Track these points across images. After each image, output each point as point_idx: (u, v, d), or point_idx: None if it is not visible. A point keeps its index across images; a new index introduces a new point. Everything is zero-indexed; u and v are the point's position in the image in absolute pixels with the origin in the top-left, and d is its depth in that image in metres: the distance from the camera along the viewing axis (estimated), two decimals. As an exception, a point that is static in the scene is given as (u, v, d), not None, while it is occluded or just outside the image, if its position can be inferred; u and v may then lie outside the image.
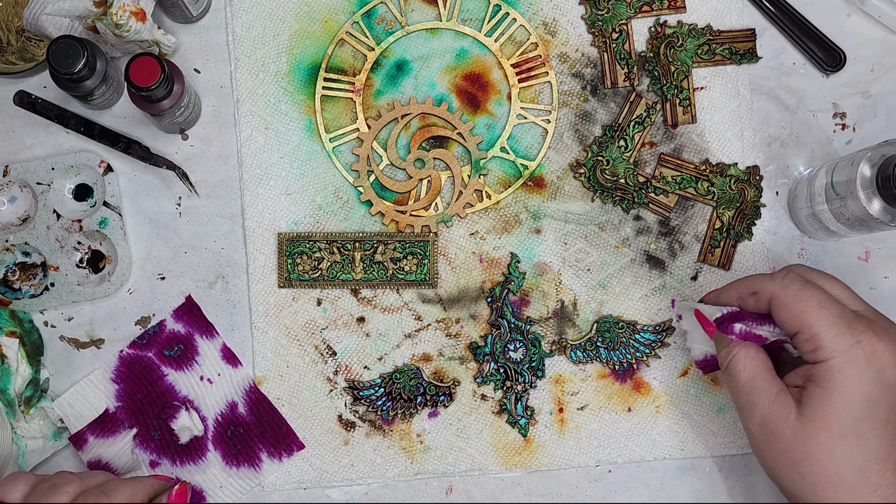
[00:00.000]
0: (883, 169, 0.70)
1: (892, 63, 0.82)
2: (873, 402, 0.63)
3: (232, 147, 0.80)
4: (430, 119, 0.80)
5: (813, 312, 0.64)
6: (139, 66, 0.71)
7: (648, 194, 0.80)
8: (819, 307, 0.65)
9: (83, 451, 0.77)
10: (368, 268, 0.79)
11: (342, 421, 0.79)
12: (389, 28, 0.80)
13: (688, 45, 0.81)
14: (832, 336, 0.64)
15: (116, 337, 0.79)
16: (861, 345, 0.63)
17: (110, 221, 0.78)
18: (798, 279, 0.67)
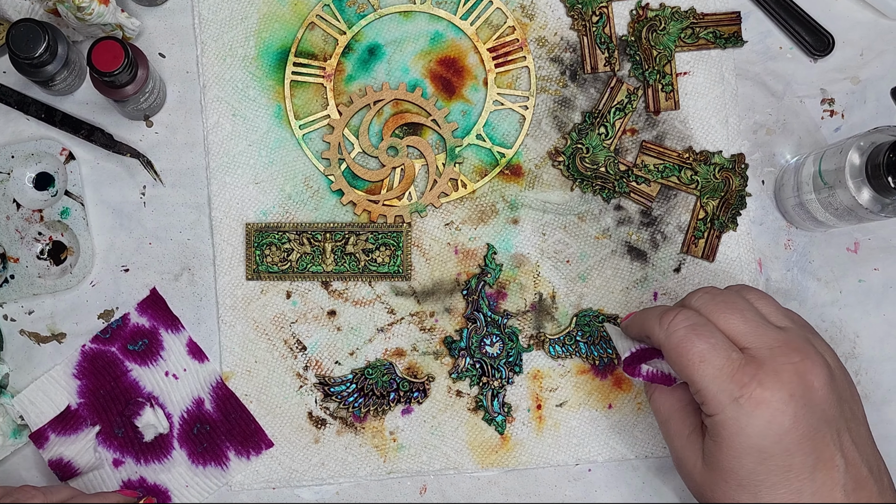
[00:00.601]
0: (873, 157, 0.69)
1: (882, 47, 0.81)
2: (765, 454, 0.61)
3: (198, 134, 0.78)
4: (404, 105, 0.79)
5: (694, 368, 0.62)
6: (102, 50, 0.70)
7: (630, 183, 0.79)
8: (700, 361, 0.62)
9: (44, 449, 0.75)
10: (339, 259, 0.78)
11: (312, 418, 0.78)
12: (361, 11, 0.79)
13: (670, 28, 0.79)
14: (714, 392, 0.62)
15: (78, 331, 0.77)
16: (743, 399, 0.61)
17: (72, 211, 0.77)
18: (683, 324, 0.64)
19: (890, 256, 0.80)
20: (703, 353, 0.62)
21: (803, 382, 0.61)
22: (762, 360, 0.62)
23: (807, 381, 0.61)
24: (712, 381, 0.62)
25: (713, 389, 0.62)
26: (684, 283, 0.79)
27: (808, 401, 0.61)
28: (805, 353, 0.62)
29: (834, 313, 0.80)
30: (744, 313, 0.64)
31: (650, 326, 0.66)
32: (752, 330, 0.63)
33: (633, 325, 0.70)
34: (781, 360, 0.62)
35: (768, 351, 0.62)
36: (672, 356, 0.64)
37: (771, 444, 0.61)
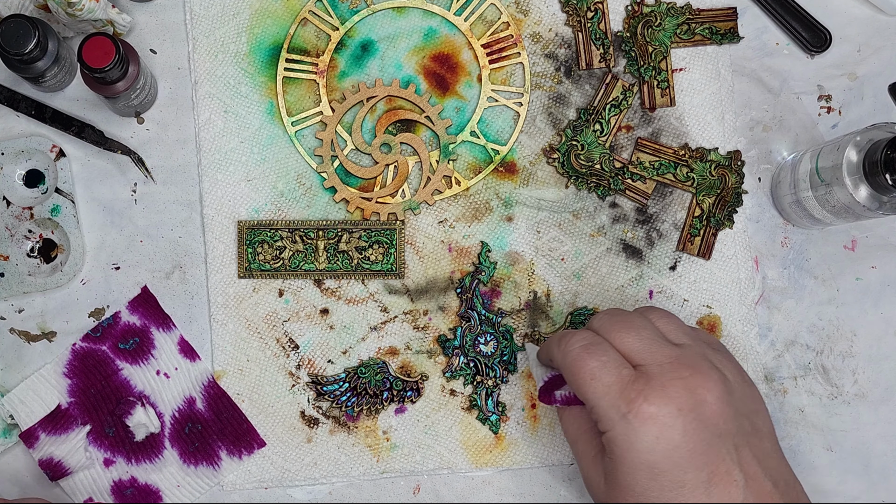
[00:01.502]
0: (870, 154, 0.70)
1: (879, 43, 0.81)
2: (656, 469, 0.62)
3: (190, 131, 0.79)
4: (397, 102, 0.80)
5: (585, 386, 0.64)
6: (93, 46, 0.71)
7: (625, 180, 0.80)
8: (591, 379, 0.63)
9: (34, 448, 0.76)
10: (332, 257, 0.78)
11: (305, 417, 0.78)
12: (354, 7, 0.80)
13: (666, 24, 0.80)
14: (605, 408, 0.63)
15: (69, 329, 0.78)
16: (631, 415, 0.62)
17: (62, 209, 0.77)
18: (578, 344, 0.65)
19: (887, 254, 0.81)
20: (594, 370, 0.63)
21: (693, 397, 0.62)
22: (651, 375, 0.63)
23: (697, 395, 0.62)
24: (602, 398, 0.63)
25: (603, 405, 0.63)
26: (680, 281, 0.80)
27: (699, 415, 0.62)
28: (697, 368, 0.63)
29: (831, 311, 0.80)
30: (640, 331, 0.65)
31: (551, 350, 0.68)
32: (646, 347, 0.64)
33: (542, 352, 0.72)
34: (670, 375, 0.62)
35: (658, 367, 0.63)
36: (568, 376, 0.65)
37: (661, 459, 0.61)
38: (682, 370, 0.63)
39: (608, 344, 0.65)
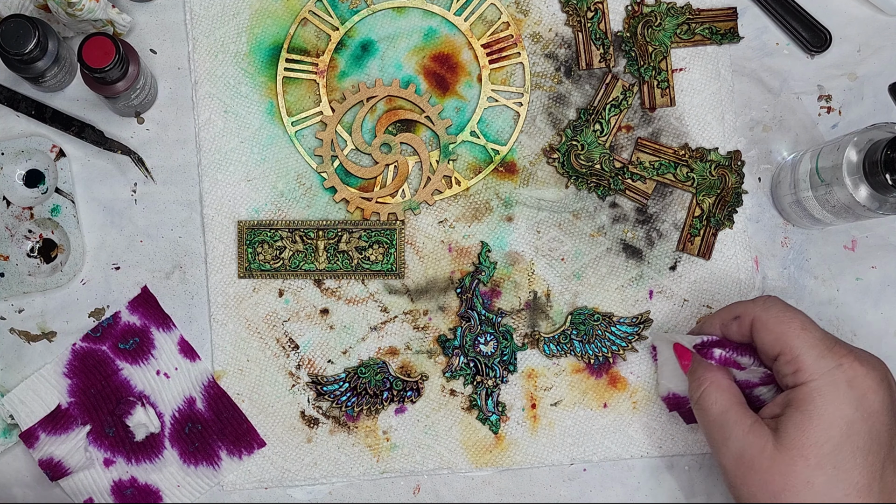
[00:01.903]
0: (870, 154, 0.70)
1: (879, 43, 0.82)
2: (853, 429, 0.63)
3: (190, 131, 0.80)
4: (397, 102, 0.80)
5: (794, 334, 0.66)
6: (93, 46, 0.71)
7: (625, 180, 0.80)
8: (801, 329, 0.66)
9: (34, 448, 0.77)
10: (332, 257, 0.79)
11: (305, 417, 0.79)
12: (354, 6, 0.80)
13: (666, 24, 0.81)
14: (813, 358, 0.65)
15: (69, 329, 0.78)
16: (843, 368, 0.64)
17: (63, 209, 0.78)
18: (779, 302, 0.69)
19: (887, 254, 0.81)
20: (805, 322, 0.67)
21: (887, 376, 0.66)
22: (850, 347, 0.67)
23: (889, 377, 0.66)
24: (812, 348, 0.65)
25: (813, 355, 0.65)
26: (680, 281, 0.80)
27: (892, 393, 0.65)
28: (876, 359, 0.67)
29: (831, 312, 0.81)
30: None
31: (741, 306, 0.70)
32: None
33: (716, 315, 0.73)
34: (863, 352, 0.67)
35: (850, 345, 0.67)
36: (771, 324, 0.67)
37: (860, 419, 0.63)
38: (868, 355, 0.67)
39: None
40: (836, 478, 0.63)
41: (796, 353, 0.66)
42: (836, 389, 0.64)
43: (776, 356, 0.67)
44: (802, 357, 0.65)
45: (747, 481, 0.66)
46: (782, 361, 0.67)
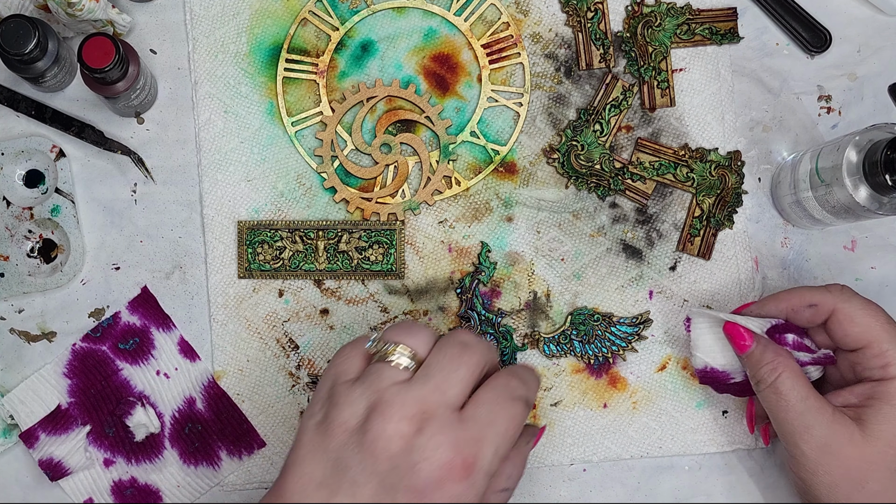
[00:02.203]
0: (870, 154, 0.70)
1: (879, 44, 0.82)
2: None
3: (190, 131, 0.80)
4: (397, 102, 0.80)
5: (882, 328, 0.68)
6: (93, 46, 0.71)
7: (625, 181, 0.80)
8: (888, 322, 0.68)
9: (34, 448, 0.77)
10: (332, 257, 0.79)
11: (305, 417, 0.79)
12: (354, 7, 0.81)
13: (666, 24, 0.81)
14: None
15: (69, 330, 0.79)
16: None
17: (62, 209, 0.78)
18: (856, 294, 0.70)
19: (887, 255, 0.81)
20: (888, 316, 0.68)
21: None
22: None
23: None
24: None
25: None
26: (680, 282, 0.81)
27: None
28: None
29: (831, 312, 0.81)
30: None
31: (818, 294, 0.70)
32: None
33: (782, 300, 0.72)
34: None
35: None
36: (857, 317, 0.68)
37: None
38: None
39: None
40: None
41: (885, 347, 0.67)
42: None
43: (859, 348, 0.69)
44: (891, 352, 0.67)
45: (831, 468, 0.67)
46: (868, 355, 0.68)
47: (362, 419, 0.58)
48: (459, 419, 0.59)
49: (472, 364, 0.60)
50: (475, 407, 0.59)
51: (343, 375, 0.61)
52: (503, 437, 0.59)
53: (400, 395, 0.58)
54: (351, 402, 0.59)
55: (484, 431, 0.58)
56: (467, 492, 0.57)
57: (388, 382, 0.59)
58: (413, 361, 0.60)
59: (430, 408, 0.58)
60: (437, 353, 0.61)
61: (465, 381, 0.60)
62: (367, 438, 0.57)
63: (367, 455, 0.57)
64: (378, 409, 0.58)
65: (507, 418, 0.59)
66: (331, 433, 0.59)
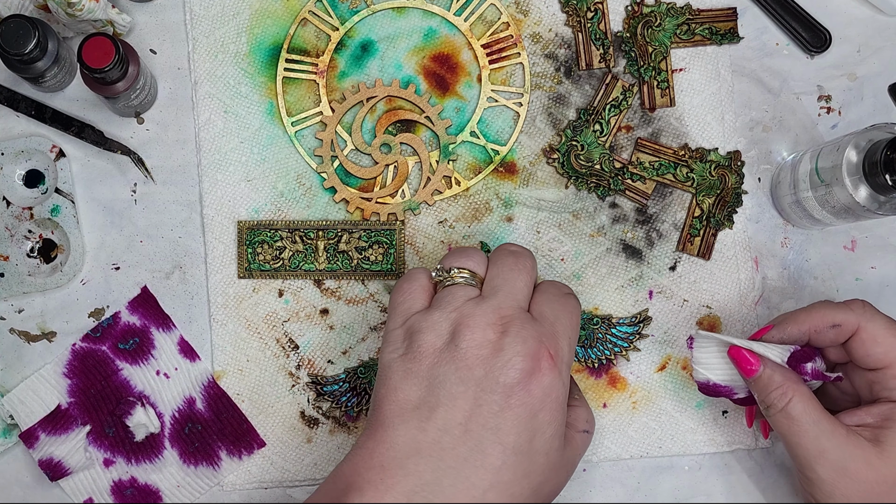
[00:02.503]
0: (870, 154, 0.70)
1: (879, 44, 0.82)
2: None
3: (189, 131, 0.80)
4: (397, 102, 0.80)
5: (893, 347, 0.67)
6: (92, 46, 0.71)
7: (625, 181, 0.80)
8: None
9: (34, 448, 0.77)
10: (332, 257, 0.79)
11: (305, 417, 0.79)
12: (354, 7, 0.81)
13: (666, 24, 0.81)
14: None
15: (69, 330, 0.79)
16: None
17: (62, 209, 0.78)
18: (878, 311, 0.69)
19: (887, 255, 0.82)
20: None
21: None
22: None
23: None
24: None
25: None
26: (680, 282, 0.81)
27: None
28: None
29: (831, 312, 0.81)
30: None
31: (841, 314, 0.69)
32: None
33: (803, 322, 0.71)
34: None
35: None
36: (881, 337, 0.68)
37: None
38: None
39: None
40: None
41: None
42: None
43: (881, 368, 0.68)
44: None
45: (847, 492, 0.67)
46: (889, 375, 0.67)
47: (448, 338, 0.63)
48: (533, 318, 0.65)
49: (527, 268, 0.67)
50: (538, 307, 0.66)
51: (413, 307, 0.66)
52: (571, 329, 0.66)
53: (479, 307, 0.64)
54: (432, 325, 0.64)
55: (555, 326, 0.65)
56: (556, 382, 0.63)
57: (462, 300, 0.65)
58: (475, 280, 0.67)
59: (506, 313, 0.64)
60: (495, 267, 0.67)
61: (527, 285, 0.67)
62: (459, 351, 0.62)
63: (461, 366, 0.62)
64: (462, 324, 0.63)
65: (568, 313, 0.66)
66: (419, 358, 0.63)
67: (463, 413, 0.61)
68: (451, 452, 0.61)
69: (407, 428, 0.62)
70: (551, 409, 0.63)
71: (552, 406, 0.63)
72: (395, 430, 0.62)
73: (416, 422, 0.62)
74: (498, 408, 0.61)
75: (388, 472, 0.61)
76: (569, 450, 0.66)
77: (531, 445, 0.62)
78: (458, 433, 0.61)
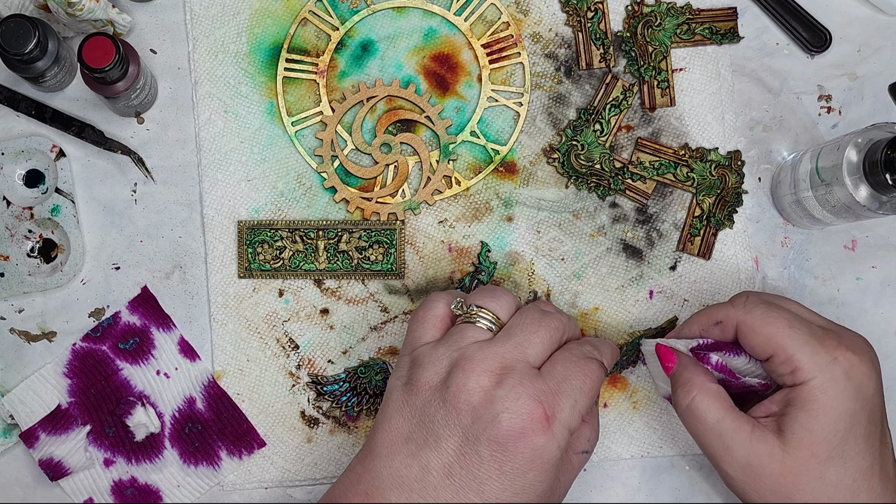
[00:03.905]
0: (870, 154, 0.70)
1: (879, 43, 0.83)
2: (855, 419, 0.64)
3: (190, 131, 0.80)
4: (397, 102, 0.81)
5: (784, 333, 0.65)
6: (93, 46, 0.72)
7: (625, 180, 0.81)
8: (789, 327, 0.66)
9: (34, 448, 0.77)
10: (332, 257, 0.80)
11: (305, 417, 0.79)
12: (354, 6, 0.81)
13: (666, 24, 0.81)
14: (808, 355, 0.64)
15: (69, 329, 0.79)
16: (838, 361, 0.64)
17: (63, 209, 0.78)
18: (761, 302, 0.68)
19: (888, 254, 0.82)
20: (791, 319, 0.66)
21: (874, 357, 0.67)
22: (837, 332, 0.67)
23: (875, 356, 0.67)
24: (805, 345, 0.65)
25: (807, 352, 0.65)
26: (680, 281, 0.81)
27: (879, 372, 0.66)
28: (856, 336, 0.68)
29: (831, 312, 0.81)
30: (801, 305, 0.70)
31: (723, 310, 0.69)
32: (816, 315, 0.69)
33: (694, 321, 0.72)
34: (852, 336, 0.67)
35: (838, 328, 0.67)
36: (758, 327, 0.66)
37: (860, 408, 0.64)
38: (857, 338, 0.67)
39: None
40: (844, 467, 0.64)
41: (790, 352, 0.65)
42: (836, 384, 0.64)
43: (768, 357, 0.67)
44: (796, 357, 0.65)
45: (758, 487, 0.66)
46: (776, 362, 0.66)
47: (444, 376, 0.62)
48: (538, 374, 0.63)
49: (551, 328, 0.65)
50: (551, 364, 0.64)
51: (423, 338, 0.66)
52: (580, 392, 0.63)
53: (481, 351, 0.63)
54: (434, 361, 0.63)
55: (561, 385, 0.63)
56: (549, 444, 0.61)
57: (469, 341, 0.64)
58: (495, 325, 0.66)
59: (509, 363, 0.63)
60: (519, 317, 0.66)
61: (545, 343, 0.65)
62: (450, 393, 0.61)
63: (451, 409, 0.61)
64: (459, 365, 0.62)
65: (582, 374, 0.64)
66: (416, 391, 0.63)
67: (447, 456, 0.61)
68: (433, 493, 0.61)
69: (393, 460, 0.62)
70: (541, 469, 0.61)
71: (542, 468, 0.61)
72: (381, 461, 0.63)
73: (402, 456, 0.62)
74: (481, 460, 0.61)
75: (372, 500, 0.62)
76: (562, 474, 0.66)
77: (516, 498, 0.61)
78: (441, 475, 0.61)
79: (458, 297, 0.69)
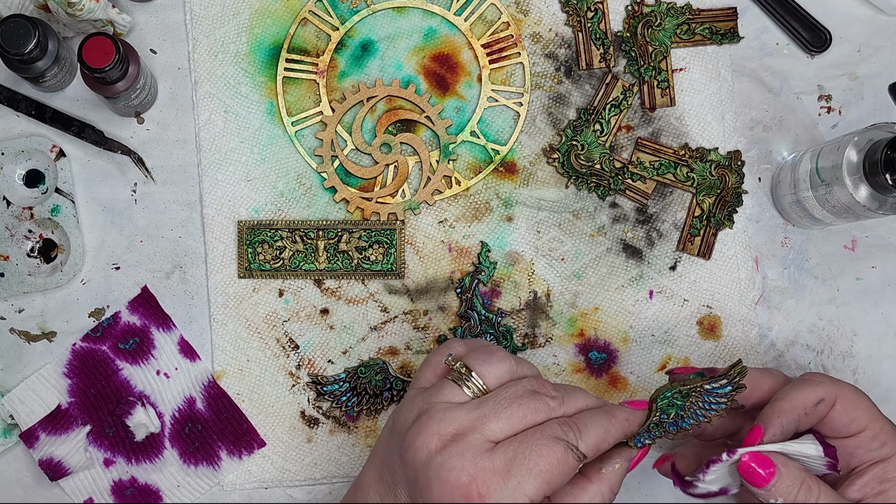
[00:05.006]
0: (870, 154, 0.71)
1: (879, 43, 0.83)
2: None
3: (190, 131, 0.81)
4: (397, 102, 0.81)
5: (873, 408, 0.67)
6: (93, 46, 0.72)
7: (625, 180, 0.81)
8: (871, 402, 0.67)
9: (34, 448, 0.77)
10: (332, 257, 0.80)
11: (305, 417, 0.80)
12: (354, 6, 0.81)
13: (666, 24, 0.81)
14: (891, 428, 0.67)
15: (69, 329, 0.79)
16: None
17: (63, 209, 0.79)
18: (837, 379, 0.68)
19: (887, 254, 0.82)
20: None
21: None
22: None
23: None
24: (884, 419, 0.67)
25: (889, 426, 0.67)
26: (680, 281, 0.81)
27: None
28: None
29: (831, 311, 0.82)
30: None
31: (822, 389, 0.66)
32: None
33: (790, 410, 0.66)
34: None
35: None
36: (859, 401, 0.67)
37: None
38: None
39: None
40: None
41: (879, 426, 0.66)
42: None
43: (859, 431, 0.67)
44: (887, 429, 0.66)
45: None
46: (867, 437, 0.66)
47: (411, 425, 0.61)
48: (488, 449, 0.59)
49: (529, 409, 0.61)
50: (511, 441, 0.60)
51: (419, 381, 0.66)
52: (528, 473, 0.59)
53: (442, 413, 0.61)
54: (410, 408, 0.63)
55: (510, 464, 0.59)
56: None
57: (441, 399, 0.62)
58: (477, 390, 0.63)
59: (462, 432, 0.60)
60: (505, 388, 0.62)
61: (513, 420, 0.60)
62: (403, 445, 0.61)
63: (403, 460, 0.61)
64: (419, 420, 0.61)
65: (537, 455, 0.59)
66: (393, 432, 0.64)
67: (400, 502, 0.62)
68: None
69: (367, 498, 0.64)
70: None
71: None
72: (362, 493, 0.64)
73: (375, 494, 0.63)
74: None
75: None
76: None
77: None
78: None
79: (465, 345, 0.66)
